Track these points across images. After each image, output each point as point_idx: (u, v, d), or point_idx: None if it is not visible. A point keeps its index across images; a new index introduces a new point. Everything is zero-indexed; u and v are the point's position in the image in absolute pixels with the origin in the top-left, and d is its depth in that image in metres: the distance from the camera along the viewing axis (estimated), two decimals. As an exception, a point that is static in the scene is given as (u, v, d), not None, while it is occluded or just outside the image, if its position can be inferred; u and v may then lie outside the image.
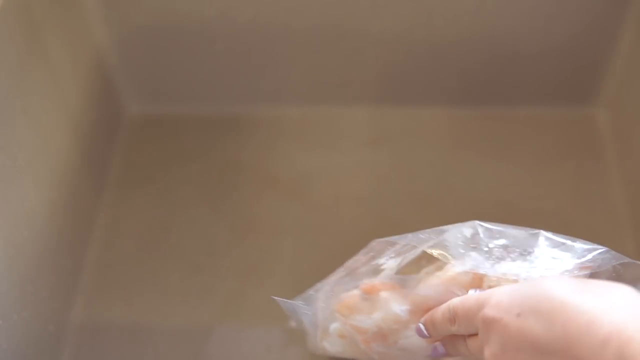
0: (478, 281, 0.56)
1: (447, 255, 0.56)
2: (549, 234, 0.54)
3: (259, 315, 0.76)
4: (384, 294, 0.58)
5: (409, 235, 0.57)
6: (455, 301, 0.51)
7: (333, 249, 0.80)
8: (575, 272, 0.54)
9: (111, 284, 0.79)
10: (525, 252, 0.55)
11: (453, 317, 0.51)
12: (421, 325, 0.54)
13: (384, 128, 0.91)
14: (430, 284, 0.56)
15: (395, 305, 0.58)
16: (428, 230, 0.57)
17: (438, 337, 0.54)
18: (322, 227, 0.82)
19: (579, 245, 0.53)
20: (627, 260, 0.53)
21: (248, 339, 0.75)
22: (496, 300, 0.46)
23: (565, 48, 0.85)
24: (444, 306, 0.52)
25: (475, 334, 0.49)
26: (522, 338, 0.43)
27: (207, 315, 0.77)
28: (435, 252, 0.56)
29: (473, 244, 0.56)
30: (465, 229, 0.56)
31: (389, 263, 0.59)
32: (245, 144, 0.90)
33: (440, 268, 0.57)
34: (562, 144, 0.88)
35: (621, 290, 0.42)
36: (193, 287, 0.79)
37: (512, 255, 0.55)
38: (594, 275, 0.54)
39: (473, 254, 0.55)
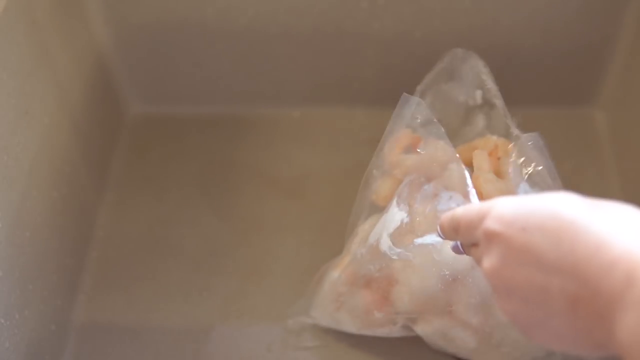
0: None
1: None
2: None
3: (259, 315, 0.76)
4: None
5: None
6: (458, 211, 0.50)
7: (333, 248, 0.80)
8: None
9: (112, 283, 0.80)
10: None
11: (456, 226, 0.50)
12: (438, 227, 0.53)
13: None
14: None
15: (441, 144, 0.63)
16: None
17: (451, 240, 0.53)
18: (322, 227, 0.82)
19: None
20: None
21: (248, 338, 0.75)
22: (498, 212, 0.44)
23: (564, 49, 0.85)
24: (449, 214, 0.51)
25: (477, 244, 0.48)
26: (526, 253, 0.42)
27: (207, 314, 0.77)
28: None
29: None
30: None
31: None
32: (245, 144, 0.90)
33: None
34: (561, 145, 0.89)
35: (632, 213, 0.41)
36: (193, 287, 0.79)
37: None
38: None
39: None
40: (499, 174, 0.63)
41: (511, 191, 0.61)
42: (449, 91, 0.69)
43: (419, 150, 0.62)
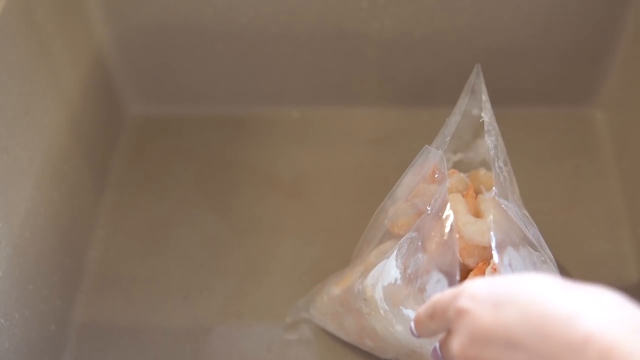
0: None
1: None
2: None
3: (259, 315, 0.76)
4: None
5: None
6: (435, 296, 0.48)
7: (333, 248, 0.80)
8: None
9: (112, 283, 0.80)
10: None
11: (432, 312, 0.48)
12: (412, 324, 0.52)
13: (384, 128, 0.92)
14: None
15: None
16: None
17: (426, 336, 0.52)
18: (322, 227, 0.82)
19: None
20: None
21: (248, 338, 0.75)
22: (470, 291, 0.44)
23: (564, 49, 0.86)
24: (426, 303, 0.49)
25: (451, 332, 0.46)
26: (495, 330, 0.41)
27: (207, 314, 0.77)
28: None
29: None
30: None
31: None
32: (245, 144, 0.90)
33: None
34: (561, 144, 0.89)
35: (607, 293, 0.40)
36: (193, 286, 0.79)
37: None
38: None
39: None
40: (477, 213, 0.62)
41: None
42: (464, 104, 0.68)
43: (428, 208, 0.61)
